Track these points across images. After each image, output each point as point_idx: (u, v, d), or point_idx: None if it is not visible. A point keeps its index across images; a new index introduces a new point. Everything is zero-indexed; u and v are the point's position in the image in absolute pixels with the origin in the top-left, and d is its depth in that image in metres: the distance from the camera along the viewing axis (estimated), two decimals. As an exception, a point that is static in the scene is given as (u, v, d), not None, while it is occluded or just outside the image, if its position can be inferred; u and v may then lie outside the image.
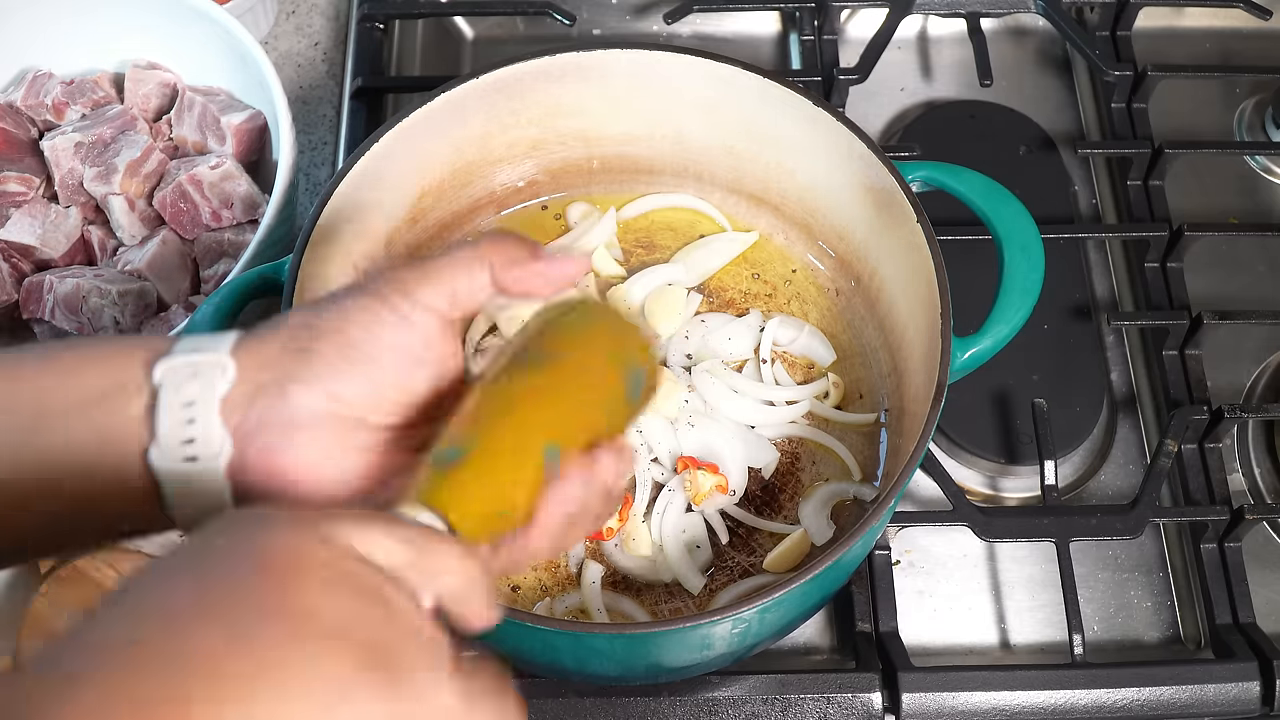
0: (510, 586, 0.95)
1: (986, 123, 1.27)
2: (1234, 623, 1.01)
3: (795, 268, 1.09)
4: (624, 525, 0.96)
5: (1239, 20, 1.31)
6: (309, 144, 1.27)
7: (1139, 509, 1.02)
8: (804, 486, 0.99)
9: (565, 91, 1.04)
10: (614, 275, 1.08)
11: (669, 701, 0.95)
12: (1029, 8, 1.26)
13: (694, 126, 1.06)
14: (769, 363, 1.03)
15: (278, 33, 1.33)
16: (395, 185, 1.02)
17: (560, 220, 1.12)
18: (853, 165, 0.99)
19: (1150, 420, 1.13)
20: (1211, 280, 1.19)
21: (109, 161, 1.09)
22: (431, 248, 1.09)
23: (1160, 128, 1.25)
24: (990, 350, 0.92)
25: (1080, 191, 1.25)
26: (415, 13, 1.30)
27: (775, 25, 1.36)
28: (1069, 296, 1.17)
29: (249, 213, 1.10)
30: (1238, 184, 1.26)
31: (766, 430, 1.01)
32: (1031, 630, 1.05)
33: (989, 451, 1.09)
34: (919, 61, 1.33)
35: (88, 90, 1.14)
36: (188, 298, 1.09)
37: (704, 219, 1.11)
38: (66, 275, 1.05)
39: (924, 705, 0.95)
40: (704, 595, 0.95)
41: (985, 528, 1.01)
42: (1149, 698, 0.96)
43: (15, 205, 1.10)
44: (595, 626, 0.89)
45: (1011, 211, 0.94)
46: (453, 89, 1.00)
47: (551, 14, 1.25)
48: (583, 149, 1.09)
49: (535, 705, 0.94)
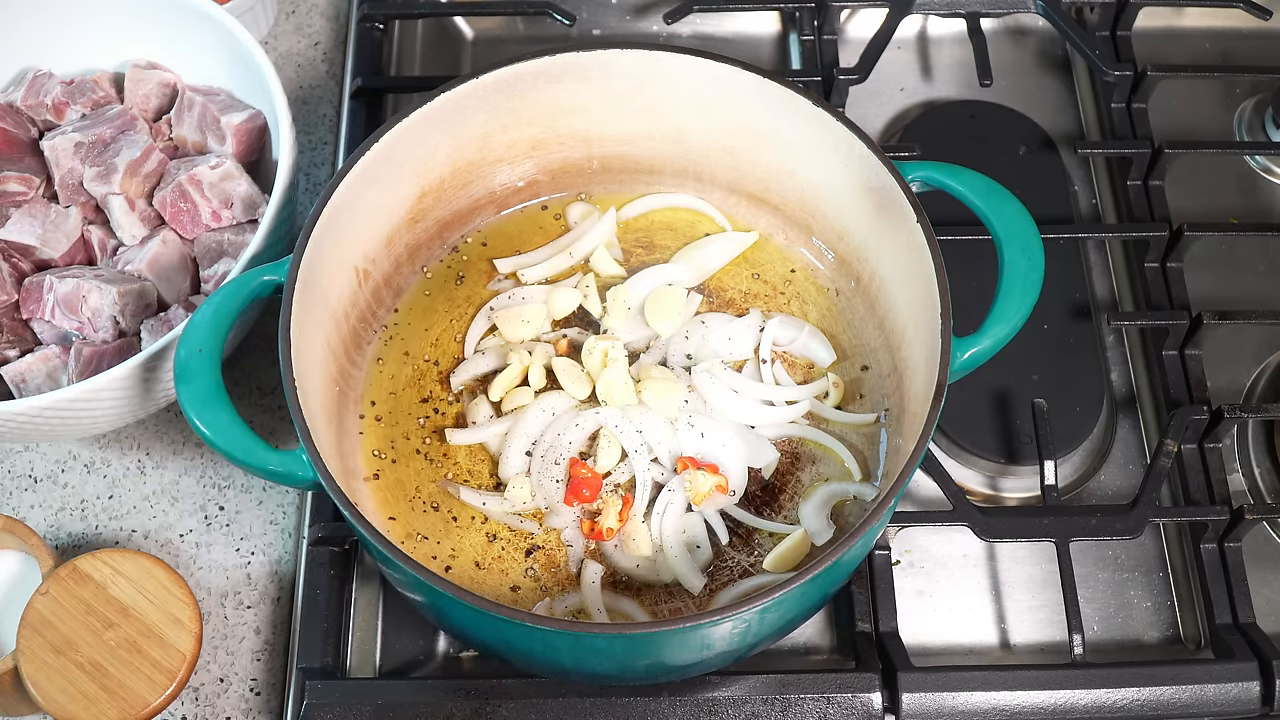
0: (510, 587, 0.95)
1: (986, 123, 1.27)
2: (1234, 623, 1.01)
3: (795, 268, 1.09)
4: (624, 525, 0.96)
5: (1239, 20, 1.31)
6: (309, 144, 1.27)
7: (1139, 509, 1.02)
8: (804, 486, 0.99)
9: (565, 91, 1.04)
10: (614, 275, 1.08)
11: (669, 701, 0.95)
12: (1029, 8, 1.26)
13: (694, 126, 1.06)
14: (769, 363, 1.03)
15: (278, 33, 1.33)
16: (395, 185, 1.02)
17: (560, 220, 1.12)
18: (853, 165, 0.99)
19: (1150, 420, 1.13)
20: (1211, 280, 1.19)
21: (109, 161, 1.09)
22: (431, 247, 1.09)
23: (1160, 128, 1.25)
24: (990, 350, 0.92)
25: (1080, 191, 1.25)
26: (415, 13, 1.30)
27: (775, 25, 1.36)
28: (1069, 296, 1.17)
29: (249, 213, 1.10)
30: (1238, 184, 1.26)
31: (766, 430, 1.01)
32: (1031, 630, 1.05)
33: (989, 451, 1.09)
34: (919, 61, 1.33)
35: (88, 90, 1.14)
36: (188, 298, 1.09)
37: (704, 219, 1.11)
38: (66, 275, 1.05)
39: (924, 705, 0.95)
40: (704, 595, 0.95)
41: (985, 528, 1.01)
42: (1149, 698, 0.96)
43: (15, 205, 1.10)
44: (595, 626, 0.89)
45: (1011, 211, 0.94)
46: (453, 89, 1.00)
47: (551, 14, 1.25)
48: (583, 149, 1.09)
49: (535, 705, 0.94)
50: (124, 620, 0.95)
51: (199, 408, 0.87)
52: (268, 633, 1.04)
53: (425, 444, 1.01)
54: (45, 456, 1.11)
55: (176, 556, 1.07)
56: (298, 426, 0.86)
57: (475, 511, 0.98)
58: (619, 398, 1.00)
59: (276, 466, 0.87)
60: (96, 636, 0.94)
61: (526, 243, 1.10)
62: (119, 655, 0.94)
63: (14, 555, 1.03)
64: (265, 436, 1.09)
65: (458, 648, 1.02)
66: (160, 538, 1.08)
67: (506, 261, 1.09)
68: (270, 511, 1.08)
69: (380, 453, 1.00)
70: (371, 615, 1.03)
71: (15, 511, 1.09)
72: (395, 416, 1.02)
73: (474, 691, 0.95)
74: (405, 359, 1.05)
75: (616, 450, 0.99)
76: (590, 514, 0.97)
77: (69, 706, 0.92)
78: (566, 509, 0.97)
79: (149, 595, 0.96)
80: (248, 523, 1.08)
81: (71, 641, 0.94)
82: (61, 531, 1.08)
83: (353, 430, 1.01)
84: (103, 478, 1.10)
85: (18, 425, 0.97)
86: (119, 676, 0.93)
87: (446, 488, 0.99)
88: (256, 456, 0.87)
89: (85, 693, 0.92)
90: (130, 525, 1.08)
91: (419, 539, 0.97)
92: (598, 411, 1.00)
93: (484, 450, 1.01)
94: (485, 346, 1.05)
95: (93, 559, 0.96)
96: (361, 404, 1.02)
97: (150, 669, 0.93)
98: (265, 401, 1.13)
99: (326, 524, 1.02)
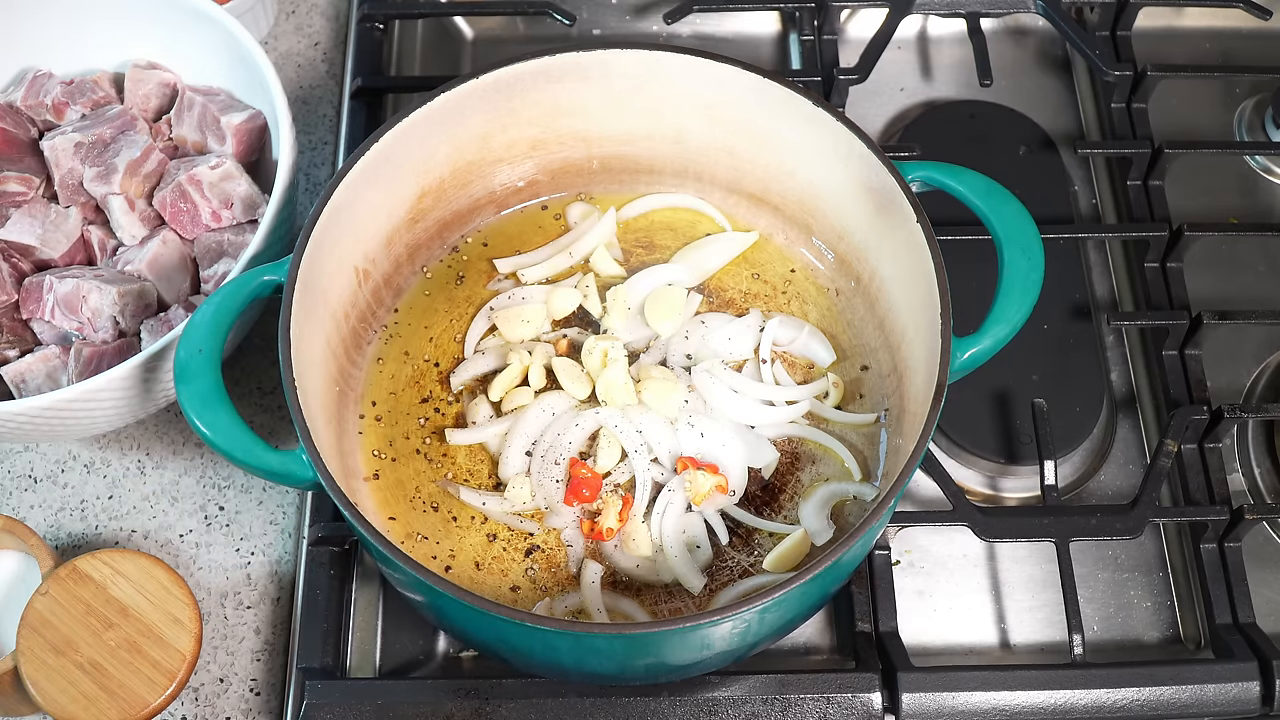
0: (510, 587, 0.95)
1: (986, 123, 1.27)
2: (1234, 623, 1.01)
3: (795, 268, 1.09)
4: (624, 525, 0.96)
5: (1239, 20, 1.31)
6: (309, 144, 1.27)
7: (1139, 509, 1.02)
8: (804, 486, 0.99)
9: (565, 91, 1.04)
10: (614, 275, 1.08)
11: (669, 701, 0.95)
12: (1029, 8, 1.26)
13: (694, 126, 1.06)
14: (769, 363, 1.03)
15: (278, 33, 1.33)
16: (395, 185, 1.02)
17: (560, 220, 1.12)
18: (853, 165, 0.99)
19: (1150, 420, 1.13)
20: (1211, 280, 1.19)
21: (109, 161, 1.09)
22: (431, 247, 1.09)
23: (1160, 128, 1.25)
24: (990, 350, 0.92)
25: (1080, 191, 1.25)
26: (415, 13, 1.30)
27: (775, 25, 1.36)
28: (1069, 296, 1.17)
29: (249, 213, 1.10)
30: (1238, 184, 1.26)
31: (766, 430, 1.01)
32: (1031, 630, 1.05)
33: (989, 451, 1.09)
34: (919, 61, 1.33)
35: (88, 90, 1.14)
36: (188, 298, 1.09)
37: (704, 219, 1.11)
38: (66, 275, 1.05)
39: (924, 705, 0.95)
40: (704, 595, 0.95)
41: (985, 528, 1.01)
42: (1149, 698, 0.96)
43: (15, 205, 1.10)
44: (595, 626, 0.89)
45: (1011, 211, 0.94)
46: (453, 89, 1.00)
47: (551, 14, 1.25)
48: (583, 149, 1.09)
49: (535, 705, 0.94)
50: (124, 620, 0.95)
51: (199, 408, 0.87)
52: (268, 633, 1.04)
53: (425, 444, 1.01)
54: (45, 456, 1.11)
55: (176, 556, 1.07)
56: (298, 426, 0.86)
57: (475, 511, 0.98)
58: (619, 398, 1.00)
59: (276, 466, 0.87)
60: (96, 637, 0.94)
61: (526, 243, 1.10)
62: (119, 655, 0.94)
63: (14, 555, 1.03)
64: (265, 436, 1.09)
65: (458, 648, 1.02)
66: (160, 538, 1.08)
67: (506, 261, 1.09)
68: (270, 511, 1.08)
69: (380, 453, 1.00)
70: (371, 615, 1.03)
71: (15, 511, 1.09)
72: (395, 416, 1.02)
73: (474, 691, 0.95)
74: (405, 359, 1.05)
75: (616, 450, 0.99)
76: (590, 514, 0.97)
77: (69, 706, 0.92)
78: (566, 509, 0.97)
79: (149, 595, 0.96)
80: (248, 523, 1.08)
81: (71, 641, 0.94)
82: (61, 531, 1.08)
83: (353, 430, 1.01)
84: (103, 478, 1.10)
85: (18, 425, 0.97)
86: (119, 676, 0.93)
87: (446, 488, 0.99)
88: (256, 456, 0.87)
89: (85, 693, 0.92)
90: (130, 525, 1.08)
91: (419, 539, 0.97)
92: (598, 411, 1.00)
93: (484, 450, 1.01)
94: (485, 346, 1.05)
95: (93, 559, 0.96)
96: (361, 404, 1.02)
97: (150, 669, 0.93)
98: (265, 401, 1.13)
99: (326, 524, 1.02)
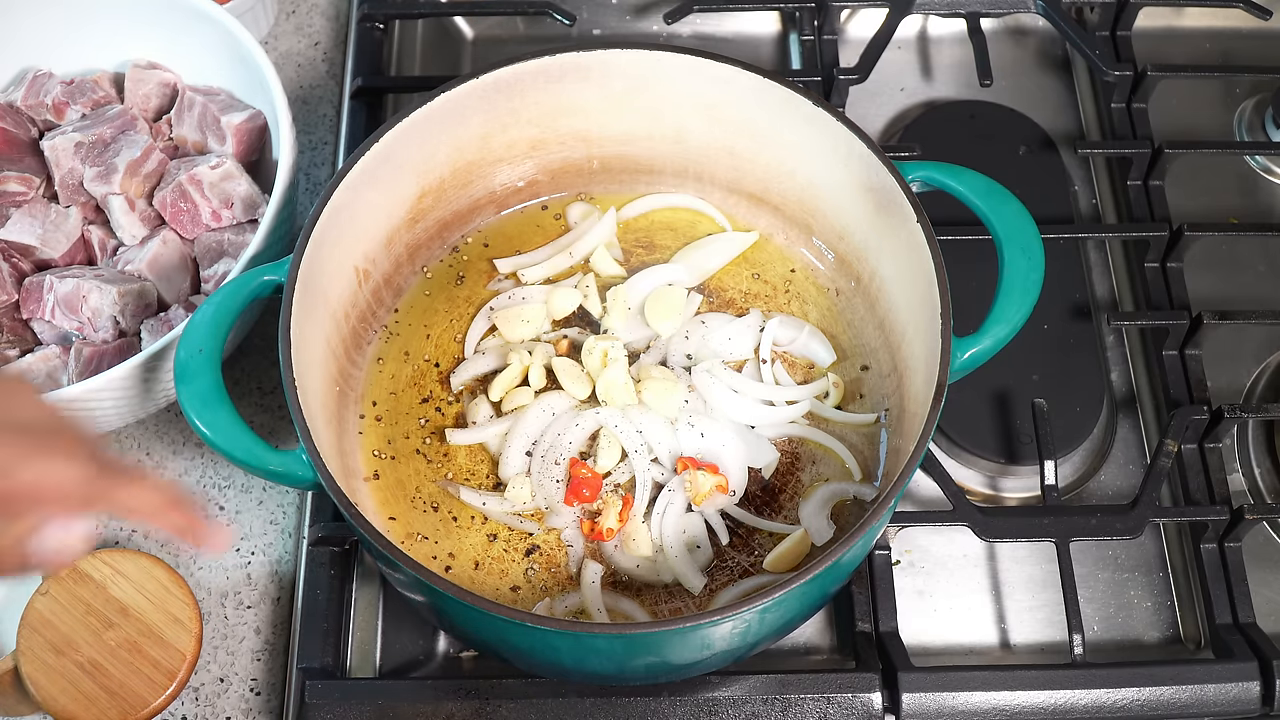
0: (510, 587, 0.95)
1: (986, 123, 1.27)
2: (1234, 623, 1.01)
3: (795, 268, 1.09)
4: (624, 525, 0.96)
5: (1239, 20, 1.31)
6: (309, 144, 1.27)
7: (1139, 509, 1.02)
8: (804, 486, 0.99)
9: (565, 91, 1.04)
10: (614, 275, 1.08)
11: (669, 701, 0.95)
12: (1029, 8, 1.26)
13: (694, 126, 1.06)
14: (769, 363, 1.03)
15: (278, 33, 1.33)
16: (395, 185, 1.02)
17: (560, 220, 1.12)
18: (853, 165, 0.99)
19: (1150, 420, 1.13)
20: (1211, 280, 1.19)
21: (109, 161, 1.09)
22: (431, 247, 1.09)
23: (1160, 128, 1.25)
24: (990, 350, 0.92)
25: (1080, 191, 1.25)
26: (415, 13, 1.30)
27: (775, 25, 1.36)
28: (1069, 296, 1.17)
29: (249, 213, 1.10)
30: (1238, 184, 1.26)
31: (766, 430, 1.01)
32: (1031, 630, 1.05)
33: (989, 451, 1.09)
34: (919, 61, 1.33)
35: (88, 90, 1.14)
36: (188, 298, 1.09)
37: (704, 219, 1.11)
38: (66, 275, 1.05)
39: (924, 705, 0.95)
40: (704, 595, 0.95)
41: (985, 528, 1.01)
42: (1149, 698, 0.96)
43: (15, 205, 1.10)
44: (595, 626, 0.89)
45: (1011, 211, 0.94)
46: (453, 89, 1.00)
47: (551, 14, 1.25)
48: (583, 149, 1.09)
49: (535, 705, 0.94)
50: (124, 620, 0.95)
51: (199, 408, 0.87)
52: (268, 633, 1.04)
53: (425, 444, 1.01)
54: (45, 456, 1.11)
55: (176, 556, 1.07)
56: (298, 426, 0.86)
57: (475, 511, 0.98)
58: (619, 398, 1.00)
59: (276, 466, 0.87)
60: (96, 636, 0.94)
61: (526, 243, 1.10)
62: (119, 655, 0.94)
63: (14, 555, 1.03)
64: (265, 436, 1.09)
65: (458, 648, 1.02)
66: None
67: (506, 261, 1.09)
68: (270, 511, 1.08)
69: (380, 453, 1.00)
70: (371, 615, 1.03)
71: (15, 511, 1.09)
72: (395, 416, 1.02)
73: (474, 691, 0.95)
74: (405, 359, 1.05)
75: (616, 450, 0.99)
76: (590, 514, 0.97)
77: (69, 706, 0.92)
78: (566, 509, 0.97)
79: (149, 595, 0.96)
80: (248, 523, 1.08)
81: (71, 641, 0.94)
82: (61, 531, 1.08)
83: (353, 430, 1.01)
84: (103, 478, 1.10)
85: (18, 425, 0.97)
86: (119, 676, 0.93)
87: (446, 488, 0.99)
88: (256, 456, 0.87)
89: (85, 693, 0.92)
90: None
91: (419, 539, 0.97)
92: (598, 411, 1.00)
93: (484, 450, 1.01)
94: (485, 346, 1.05)
95: (93, 559, 0.96)
96: (361, 404, 1.02)
97: (150, 669, 0.93)
98: (265, 401, 1.13)
99: (326, 524, 1.02)
